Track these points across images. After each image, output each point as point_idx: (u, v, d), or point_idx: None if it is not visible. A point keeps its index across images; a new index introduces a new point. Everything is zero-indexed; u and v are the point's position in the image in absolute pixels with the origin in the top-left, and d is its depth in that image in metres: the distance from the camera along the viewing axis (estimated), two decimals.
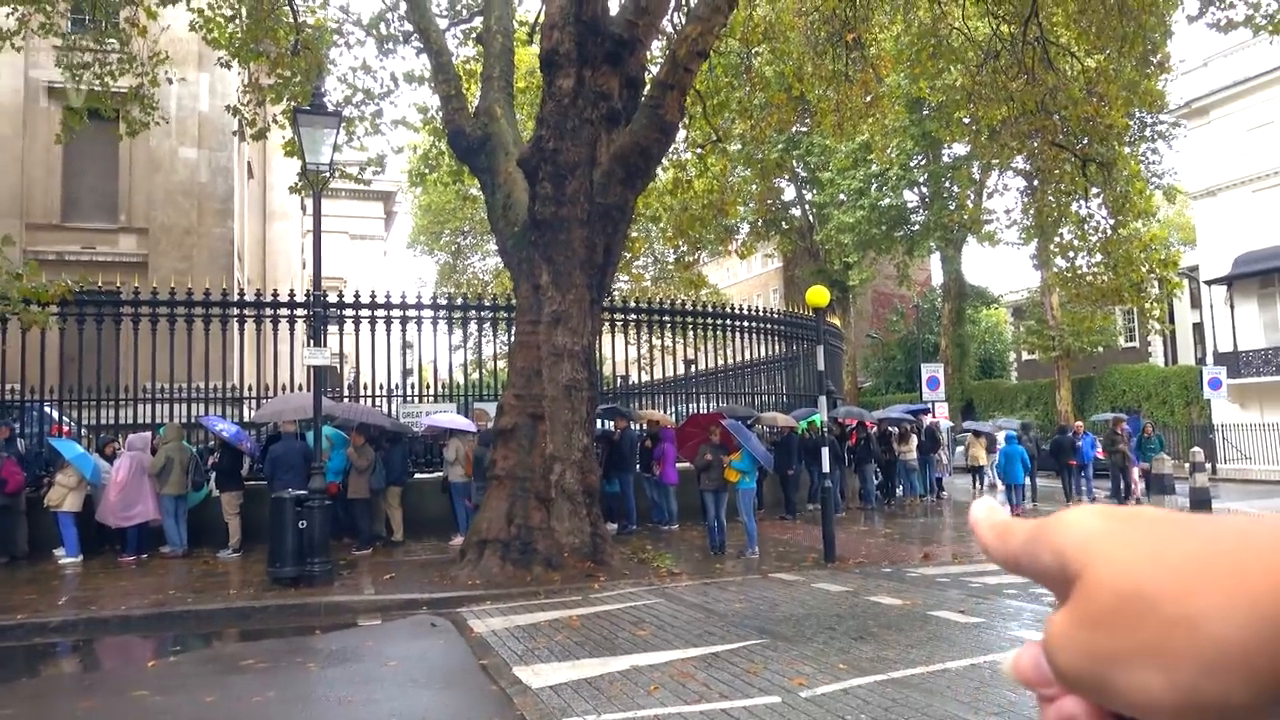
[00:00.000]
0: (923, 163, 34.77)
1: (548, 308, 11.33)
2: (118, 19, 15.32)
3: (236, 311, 15.55)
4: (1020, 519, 0.47)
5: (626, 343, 17.98)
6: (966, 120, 17.99)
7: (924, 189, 36.10)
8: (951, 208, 33.19)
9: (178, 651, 8.63)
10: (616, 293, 27.17)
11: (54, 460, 13.16)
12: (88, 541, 12.69)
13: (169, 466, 12.77)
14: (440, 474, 14.45)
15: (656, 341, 18.79)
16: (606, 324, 16.66)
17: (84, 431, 14.82)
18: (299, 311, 15.18)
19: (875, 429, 19.97)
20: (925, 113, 28.47)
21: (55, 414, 14.94)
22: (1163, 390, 32.50)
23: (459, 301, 17.53)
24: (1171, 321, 29.69)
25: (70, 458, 12.55)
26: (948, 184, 34.46)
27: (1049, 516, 0.44)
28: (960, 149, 31.80)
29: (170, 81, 16.60)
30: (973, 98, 16.66)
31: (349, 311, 15.56)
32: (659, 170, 15.73)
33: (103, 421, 14.94)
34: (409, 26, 15.48)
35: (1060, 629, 0.41)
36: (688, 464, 13.86)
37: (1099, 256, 17.24)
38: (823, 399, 13.11)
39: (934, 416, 23.63)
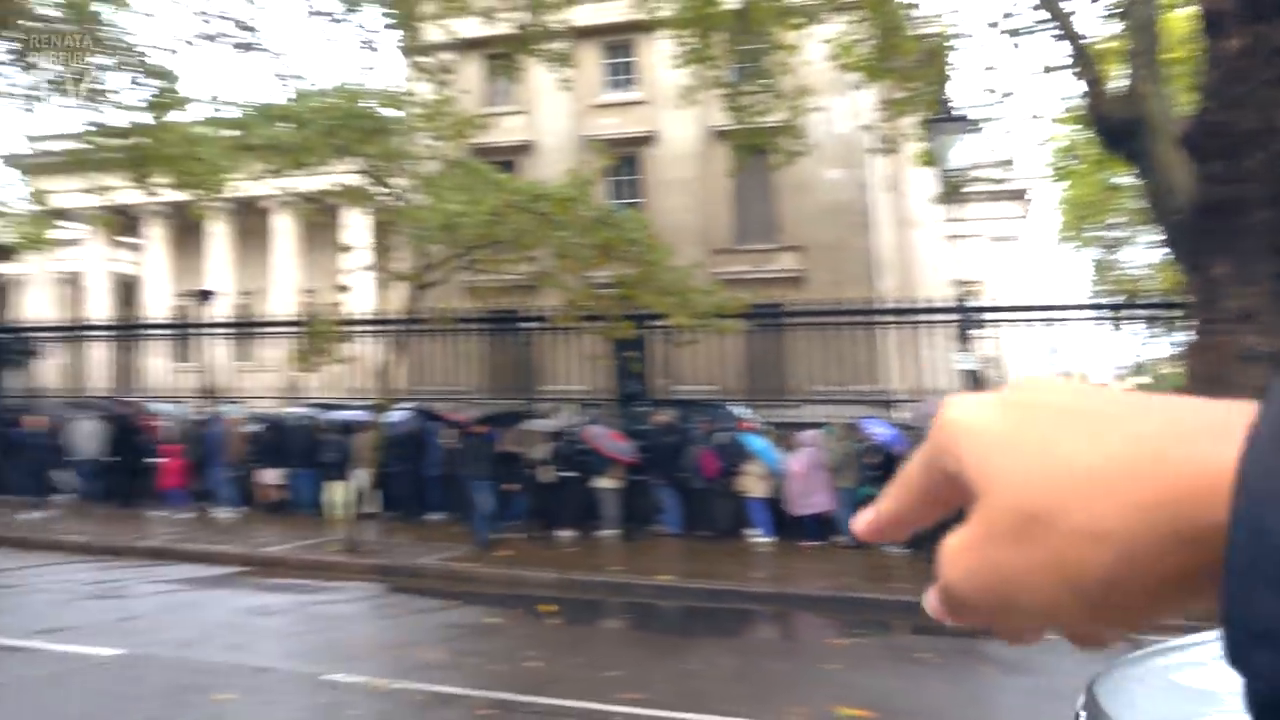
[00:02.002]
0: None
1: (1226, 303, 10.08)
2: (766, 63, 17.38)
3: (883, 318, 16.63)
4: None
5: None
6: None
7: None
8: None
9: (856, 634, 9.60)
10: None
11: (741, 453, 15.49)
12: (776, 525, 14.67)
13: (844, 462, 14.19)
14: None
15: None
16: None
17: (764, 427, 17.18)
18: (942, 316, 15.65)
19: None
20: None
21: (742, 411, 17.54)
22: None
23: (1111, 300, 16.41)
24: None
25: (754, 450, 14.70)
26: None
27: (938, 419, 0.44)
28: None
29: (814, 111, 18.31)
30: None
31: (991, 315, 15.59)
32: None
33: (777, 419, 17.15)
34: (1037, 16, 14.94)
35: (958, 551, 0.41)
36: None
37: None
38: None
39: None
